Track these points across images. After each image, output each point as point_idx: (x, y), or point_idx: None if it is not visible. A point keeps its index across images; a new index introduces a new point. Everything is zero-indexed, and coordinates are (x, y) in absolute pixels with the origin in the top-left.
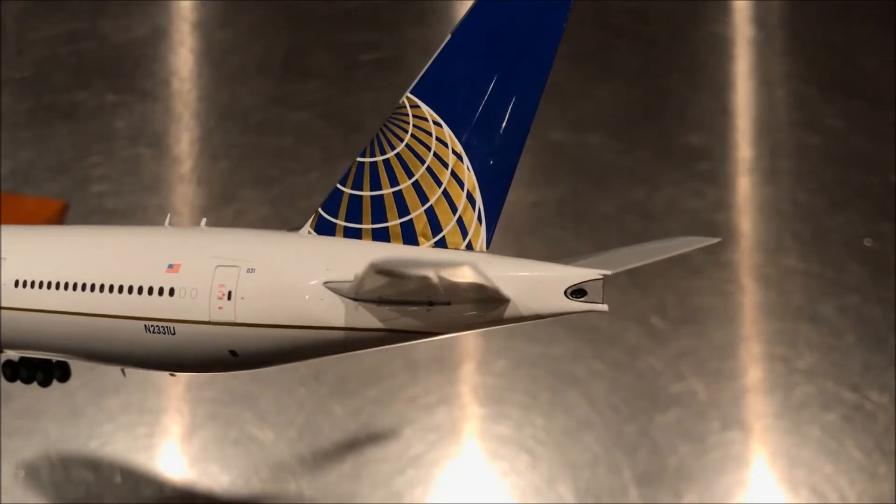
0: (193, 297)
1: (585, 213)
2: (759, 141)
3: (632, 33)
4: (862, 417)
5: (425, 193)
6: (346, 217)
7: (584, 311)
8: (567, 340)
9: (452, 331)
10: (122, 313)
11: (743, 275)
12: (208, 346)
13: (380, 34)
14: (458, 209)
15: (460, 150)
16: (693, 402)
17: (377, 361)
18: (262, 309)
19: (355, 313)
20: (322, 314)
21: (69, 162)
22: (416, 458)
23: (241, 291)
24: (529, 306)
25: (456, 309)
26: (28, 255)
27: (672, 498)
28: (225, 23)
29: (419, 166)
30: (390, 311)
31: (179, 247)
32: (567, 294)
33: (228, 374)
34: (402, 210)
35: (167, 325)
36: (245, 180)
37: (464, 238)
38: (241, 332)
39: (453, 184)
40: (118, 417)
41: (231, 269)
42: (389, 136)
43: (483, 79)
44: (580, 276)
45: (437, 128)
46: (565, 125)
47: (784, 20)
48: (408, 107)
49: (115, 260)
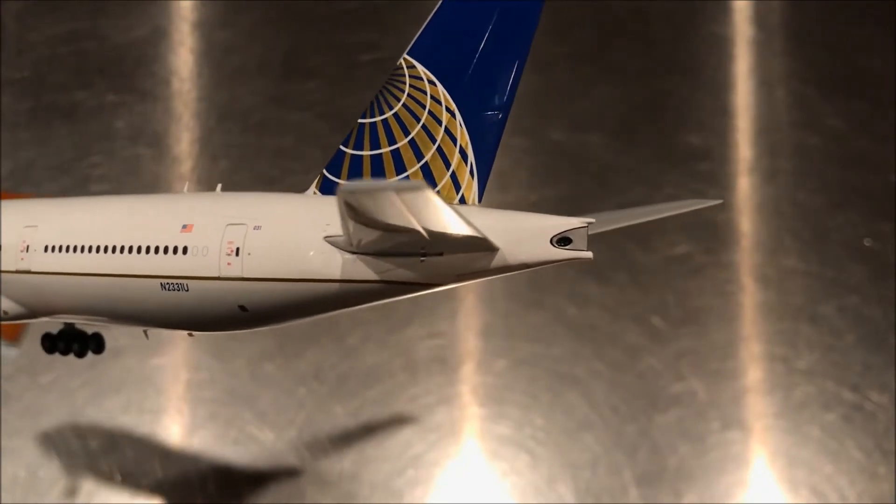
0: (205, 254)
1: (585, 213)
2: (759, 141)
3: (632, 33)
4: (862, 417)
5: (421, 151)
6: (347, 177)
7: (569, 259)
8: (567, 340)
9: (445, 282)
10: (140, 272)
11: (743, 275)
12: (219, 301)
13: (380, 34)
14: (452, 165)
15: (453, 107)
16: (693, 402)
17: (377, 361)
18: (268, 264)
19: (353, 266)
20: (322, 267)
21: (69, 162)
22: (416, 458)
23: (247, 248)
24: (516, 255)
25: (447, 259)
26: (57, 223)
27: (672, 498)
28: (225, 23)
29: (415, 125)
30: (385, 263)
31: (193, 209)
32: (553, 242)
33: (229, 374)
34: (399, 167)
35: (181, 283)
36: (245, 180)
37: (457, 192)
38: (249, 287)
39: (447, 140)
40: (118, 417)
41: (239, 226)
42: (388, 96)
43: (474, 37)
44: (564, 224)
45: (431, 86)
46: (565, 125)
47: (784, 20)
48: (404, 67)
49: (134, 223)
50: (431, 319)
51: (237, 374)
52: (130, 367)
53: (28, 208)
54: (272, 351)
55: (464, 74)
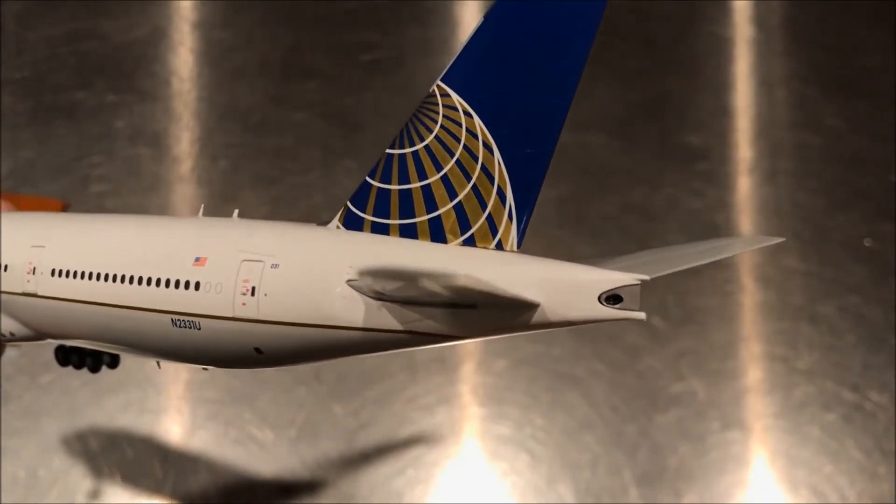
0: (218, 291)
1: (585, 213)
2: (759, 141)
3: (632, 33)
4: (862, 417)
5: (454, 188)
6: (374, 212)
7: (619, 319)
8: (567, 340)
9: (476, 335)
10: (150, 306)
11: (743, 275)
12: (233, 342)
13: (380, 34)
14: (488, 205)
15: (491, 141)
16: (693, 402)
17: (377, 361)
18: (285, 306)
19: (377, 313)
20: (343, 313)
21: (69, 162)
22: (416, 458)
23: (264, 287)
24: (559, 312)
25: (481, 313)
26: (65, 244)
27: (672, 498)
28: (225, 23)
29: (448, 159)
30: (413, 313)
31: (208, 239)
32: (601, 300)
33: (228, 374)
34: (430, 205)
35: (192, 320)
36: (245, 180)
37: (493, 236)
38: (265, 329)
39: (483, 178)
40: (118, 417)
41: (256, 263)
42: (419, 126)
43: (516, 66)
44: (616, 280)
45: (467, 118)
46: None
47: (784, 20)
48: (438, 95)
49: (145, 251)
50: None
51: (237, 374)
52: (130, 368)
53: (35, 225)
54: None
55: (504, 107)
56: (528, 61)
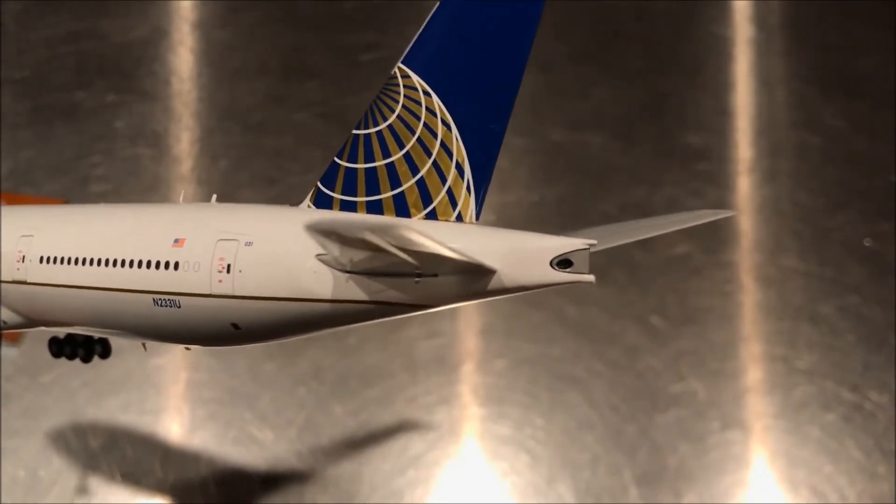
0: (196, 270)
1: (585, 213)
2: (759, 141)
3: (632, 33)
4: (862, 417)
5: (416, 165)
6: (342, 190)
7: (569, 283)
8: (567, 340)
9: (440, 303)
10: (132, 287)
11: (743, 275)
12: (211, 318)
13: (380, 34)
14: (448, 180)
15: (449, 119)
16: (693, 402)
17: (377, 361)
18: (259, 282)
19: (345, 286)
20: (313, 286)
21: (69, 162)
22: (416, 458)
23: (239, 265)
24: (514, 277)
25: (443, 281)
26: (52, 233)
27: (672, 498)
28: (225, 23)
29: (410, 137)
30: (378, 284)
31: (186, 222)
32: (552, 265)
33: (229, 374)
34: (394, 182)
35: (173, 299)
36: (245, 180)
37: (454, 209)
38: (241, 305)
39: (443, 154)
40: (118, 417)
41: (230, 242)
42: (382, 107)
43: (469, 46)
44: (566, 245)
45: (426, 97)
46: (565, 125)
47: (784, 20)
48: (399, 77)
49: (127, 236)
50: (431, 319)
51: (237, 374)
52: (130, 368)
53: (26, 216)
54: (272, 351)
55: (460, 85)
56: (480, 42)
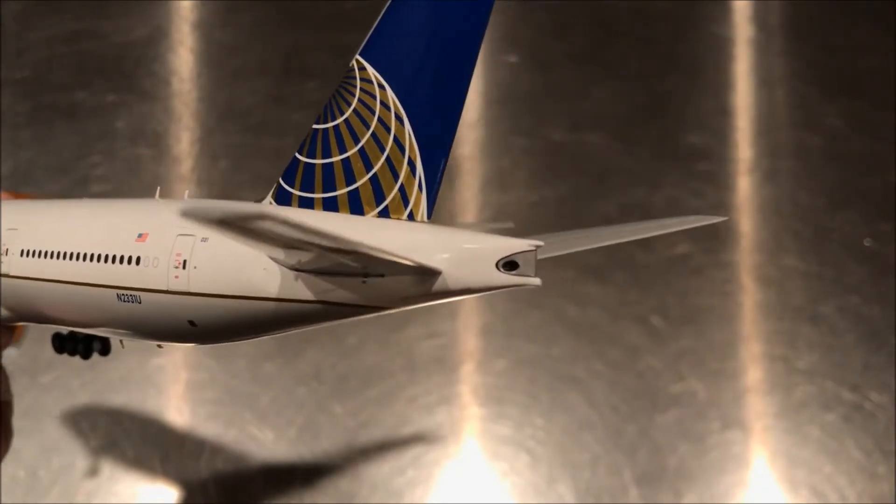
0: (155, 266)
1: (585, 213)
2: (759, 141)
3: (632, 33)
4: (862, 417)
5: (370, 160)
6: (300, 186)
7: (515, 286)
8: (567, 340)
9: (388, 305)
10: (97, 281)
11: (743, 275)
12: (169, 315)
13: None
14: (401, 177)
15: (402, 113)
16: (693, 402)
17: (377, 361)
18: (212, 278)
19: (293, 284)
20: (262, 284)
21: (69, 162)
22: (416, 458)
23: (194, 260)
24: (459, 280)
25: (389, 281)
26: (32, 227)
27: (672, 498)
28: (225, 23)
29: (365, 132)
30: (327, 283)
31: (151, 217)
32: (499, 267)
33: (229, 374)
34: (349, 178)
35: (134, 294)
36: (245, 180)
37: (405, 207)
38: (196, 302)
39: (395, 150)
40: (118, 418)
41: (188, 238)
42: (340, 101)
43: (420, 37)
44: (510, 246)
45: (381, 90)
46: (565, 125)
47: (784, 20)
48: (356, 69)
49: (96, 230)
50: (431, 319)
51: (237, 374)
52: (130, 368)
53: (14, 210)
54: (272, 351)
55: (413, 79)
56: (432, 34)
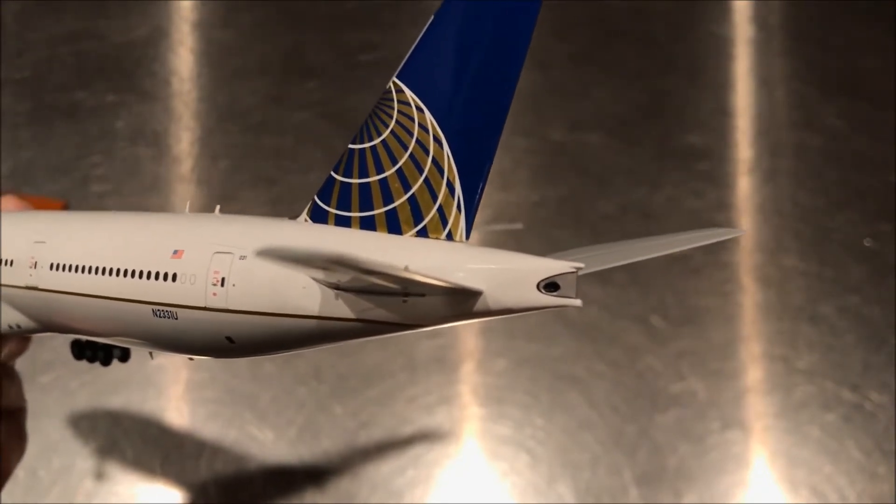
0: (192, 282)
1: (585, 213)
2: (759, 141)
3: (632, 33)
4: (862, 417)
5: (408, 181)
6: (336, 205)
7: (556, 307)
8: (567, 340)
9: (427, 323)
10: (133, 297)
11: (743, 275)
12: (206, 331)
13: (380, 34)
14: (439, 198)
15: (441, 135)
16: (693, 402)
17: (377, 361)
18: (251, 296)
19: (334, 303)
20: (302, 302)
21: (69, 162)
22: (416, 458)
23: (232, 278)
24: (500, 300)
25: (430, 301)
26: (62, 240)
27: (672, 498)
28: (225, 23)
29: (403, 153)
30: (367, 302)
31: (186, 233)
32: (539, 288)
33: (229, 374)
34: (386, 198)
35: (170, 310)
36: (245, 180)
37: (444, 227)
38: (234, 319)
39: (434, 171)
40: (118, 418)
41: (226, 255)
42: (377, 122)
43: (462, 63)
44: (552, 268)
45: (419, 113)
46: (565, 125)
47: (784, 20)
48: (393, 92)
49: (130, 246)
50: None
51: (237, 374)
52: (130, 368)
53: (38, 221)
54: None
55: (452, 102)
56: (472, 58)
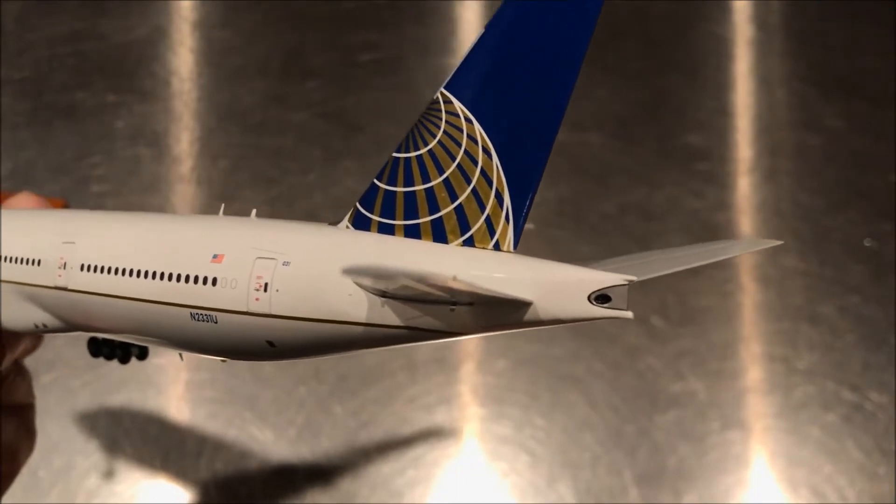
0: (234, 287)
1: (585, 213)
2: (759, 141)
3: (632, 33)
4: (862, 417)
5: (455, 191)
6: (380, 213)
7: (607, 318)
8: (567, 340)
9: (474, 332)
10: (171, 300)
11: (743, 275)
12: (247, 335)
13: (380, 34)
14: (487, 207)
15: (490, 146)
16: (693, 402)
17: (377, 361)
18: (294, 302)
19: (380, 310)
20: (348, 309)
21: (69, 162)
22: (416, 458)
23: (276, 284)
24: (550, 311)
25: (478, 310)
26: (93, 241)
27: (672, 498)
28: (225, 23)
29: (450, 163)
30: (413, 310)
31: (225, 237)
32: (591, 299)
33: (229, 374)
34: (432, 207)
35: (210, 314)
36: (245, 180)
37: (491, 237)
38: (276, 324)
39: (482, 181)
40: (119, 417)
41: (269, 261)
42: (423, 131)
43: (513, 75)
44: (604, 280)
45: (468, 124)
46: (565, 125)
47: (784, 20)
48: (441, 102)
49: (167, 248)
50: None
51: (237, 374)
52: (131, 368)
53: (65, 222)
54: None
55: (502, 113)
56: (524, 70)
